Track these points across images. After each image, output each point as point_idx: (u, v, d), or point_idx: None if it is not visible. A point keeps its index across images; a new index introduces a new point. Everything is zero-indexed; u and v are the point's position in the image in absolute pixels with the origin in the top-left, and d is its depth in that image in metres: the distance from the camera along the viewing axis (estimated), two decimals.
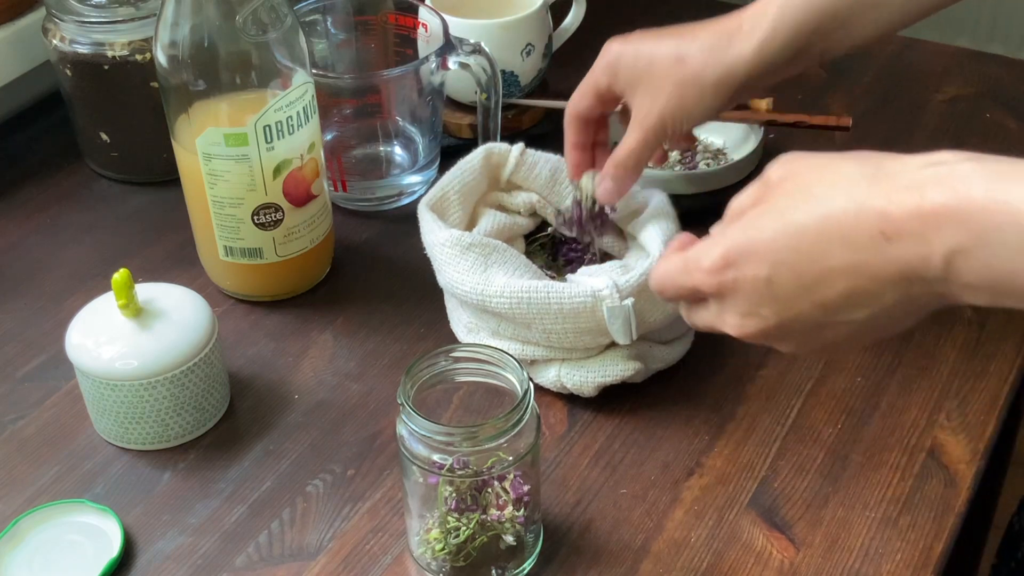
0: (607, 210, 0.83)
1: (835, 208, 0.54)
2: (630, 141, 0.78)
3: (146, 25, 0.96)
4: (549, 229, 0.88)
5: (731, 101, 0.77)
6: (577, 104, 0.81)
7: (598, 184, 0.81)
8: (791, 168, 0.58)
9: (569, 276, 0.81)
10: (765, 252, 0.56)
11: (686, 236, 0.64)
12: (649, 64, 0.77)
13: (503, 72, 1.02)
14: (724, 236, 0.59)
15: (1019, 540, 0.97)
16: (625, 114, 0.80)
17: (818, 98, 1.13)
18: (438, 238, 0.81)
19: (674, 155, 1.02)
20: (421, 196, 0.87)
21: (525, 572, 0.71)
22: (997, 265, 0.50)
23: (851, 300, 0.55)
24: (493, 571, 0.70)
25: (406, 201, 1.00)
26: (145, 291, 0.78)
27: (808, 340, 0.59)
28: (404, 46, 1.01)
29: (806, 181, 0.56)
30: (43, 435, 0.81)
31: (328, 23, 1.02)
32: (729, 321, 0.60)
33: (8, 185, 1.03)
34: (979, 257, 0.50)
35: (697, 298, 0.62)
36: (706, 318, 0.62)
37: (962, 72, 1.16)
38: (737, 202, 0.61)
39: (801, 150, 0.59)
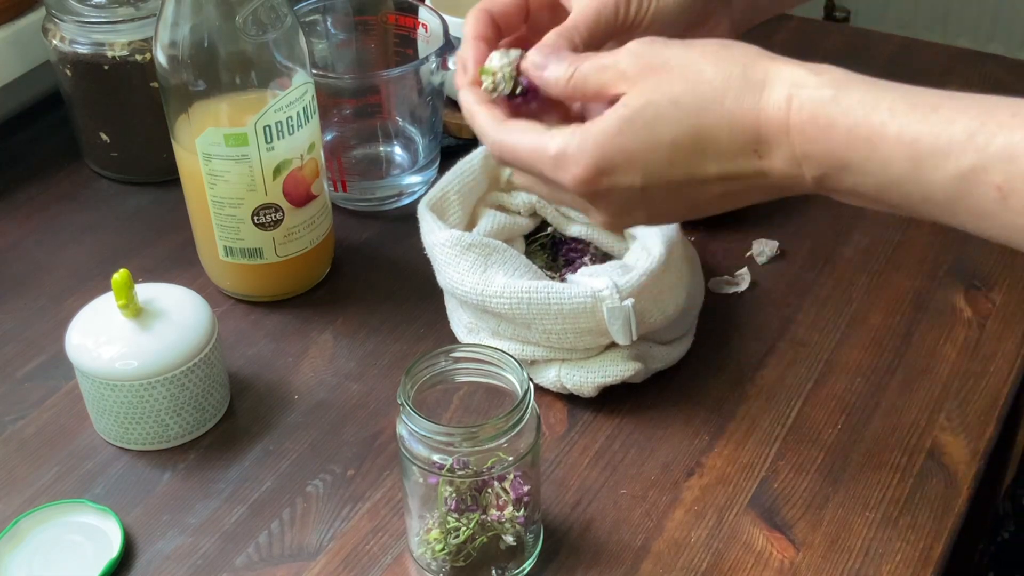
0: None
1: (707, 122, 0.56)
2: (584, 8, 0.64)
3: (146, 25, 0.96)
4: (549, 229, 0.88)
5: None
6: None
7: (525, 58, 0.63)
8: (649, 61, 0.58)
9: (569, 276, 0.81)
10: (640, 163, 0.57)
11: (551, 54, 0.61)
12: None
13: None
14: (595, 141, 0.57)
15: (1002, 524, 0.97)
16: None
17: None
18: (438, 238, 0.81)
19: None
20: (421, 196, 0.87)
21: (525, 572, 0.71)
22: (864, 186, 0.54)
23: (723, 200, 0.59)
24: (493, 571, 0.70)
25: (406, 201, 1.00)
26: (145, 291, 0.78)
27: (672, 219, 0.65)
28: (404, 46, 1.01)
29: (670, 85, 0.57)
30: (43, 435, 0.81)
31: (328, 23, 1.02)
32: (598, 218, 0.61)
33: (8, 185, 1.04)
34: (846, 180, 0.54)
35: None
36: (567, 202, 0.62)
37: (962, 72, 1.16)
38: (595, 79, 0.59)
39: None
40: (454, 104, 1.07)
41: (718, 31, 0.69)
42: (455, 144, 1.04)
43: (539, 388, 0.81)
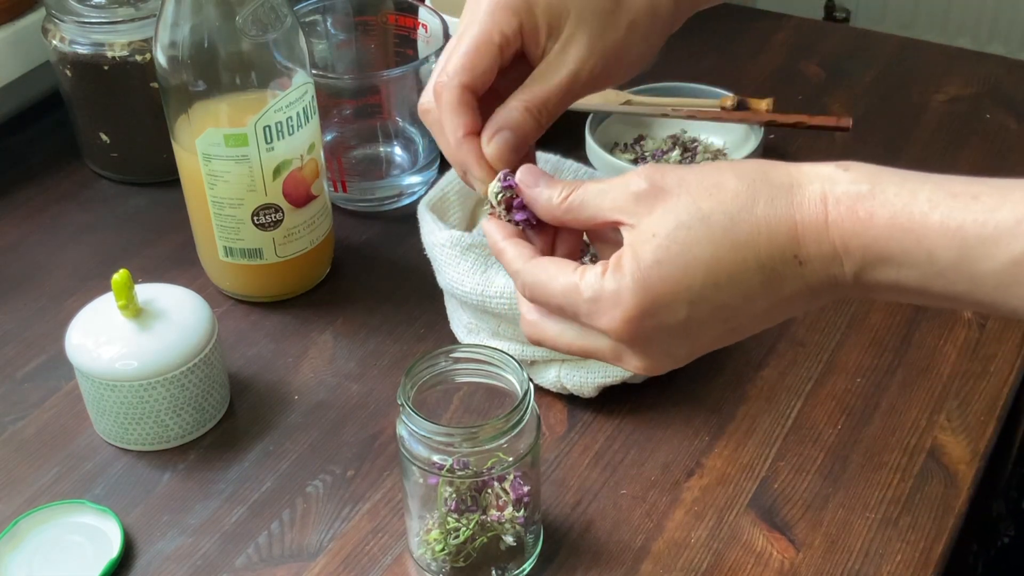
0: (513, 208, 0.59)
1: (743, 233, 0.53)
2: (553, 82, 0.59)
3: (146, 25, 0.96)
4: None
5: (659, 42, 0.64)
6: (470, 67, 0.58)
7: (488, 141, 0.59)
8: (661, 184, 0.54)
9: None
10: (684, 293, 0.53)
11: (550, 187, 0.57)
12: None
13: None
14: (634, 279, 0.53)
15: (997, 526, 0.97)
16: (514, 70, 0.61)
17: (818, 98, 1.13)
18: (438, 239, 0.81)
19: (674, 155, 1.02)
20: (421, 197, 0.87)
21: (525, 573, 0.71)
22: (907, 279, 0.51)
23: (766, 317, 0.55)
24: (493, 572, 0.70)
25: (406, 202, 1.00)
26: (145, 292, 0.78)
27: (714, 347, 0.57)
28: (404, 46, 1.01)
29: (694, 203, 0.53)
30: (43, 436, 0.81)
31: (328, 23, 1.02)
32: (635, 364, 0.56)
33: (8, 185, 1.03)
34: (888, 273, 0.52)
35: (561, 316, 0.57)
36: (593, 350, 0.57)
37: (962, 72, 1.16)
38: (593, 203, 0.55)
39: (800, 152, 0.58)
40: None
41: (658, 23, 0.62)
42: None
43: (539, 388, 0.81)
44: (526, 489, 0.68)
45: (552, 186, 0.57)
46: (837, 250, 0.52)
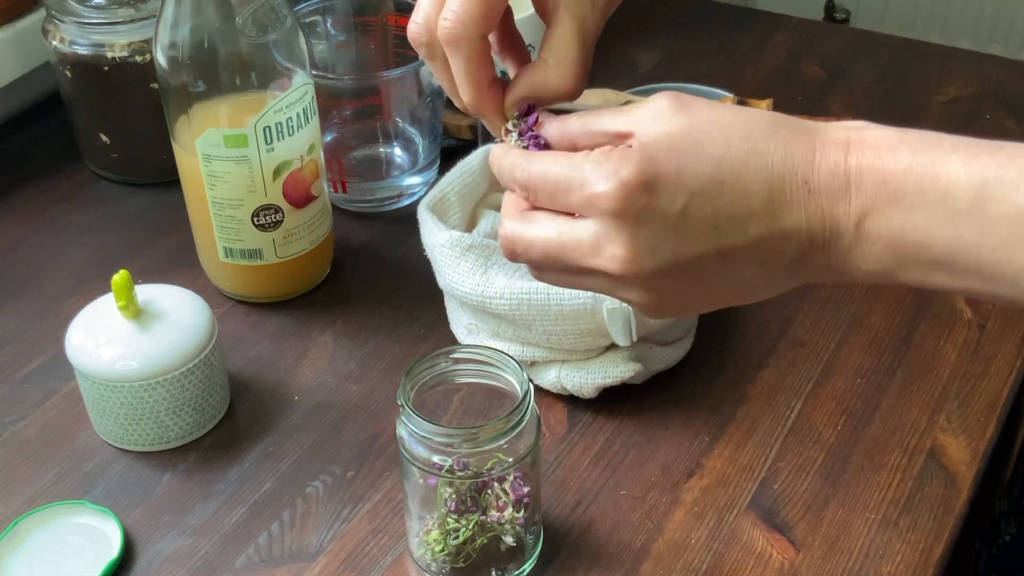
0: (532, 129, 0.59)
1: (762, 148, 0.51)
2: (565, 28, 0.58)
3: (146, 26, 0.96)
4: None
5: None
6: (485, 18, 0.56)
7: (514, 106, 0.59)
8: (691, 105, 0.53)
9: None
10: (688, 180, 0.51)
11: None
12: None
13: (503, 73, 1.02)
14: (640, 153, 0.51)
15: (1001, 525, 0.97)
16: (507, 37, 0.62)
17: (818, 99, 1.13)
18: (438, 239, 0.81)
19: None
20: (421, 197, 0.87)
21: (525, 573, 0.71)
22: (909, 226, 0.50)
23: (754, 252, 0.52)
24: (493, 572, 0.70)
25: (406, 202, 1.00)
26: (145, 292, 0.78)
27: (677, 295, 0.54)
28: (404, 47, 1.01)
29: (716, 112, 0.53)
30: (43, 436, 0.81)
31: (328, 24, 1.02)
32: (614, 252, 0.52)
33: (8, 186, 1.03)
34: (893, 218, 0.50)
35: (553, 205, 0.54)
36: (572, 242, 0.53)
37: (962, 73, 1.16)
38: (610, 113, 0.54)
39: None
40: (454, 105, 1.07)
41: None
42: (455, 145, 1.04)
43: (539, 389, 0.81)
44: (526, 490, 0.68)
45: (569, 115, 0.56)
46: (850, 183, 0.51)
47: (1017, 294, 0.50)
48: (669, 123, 0.52)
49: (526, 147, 0.57)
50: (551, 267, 0.56)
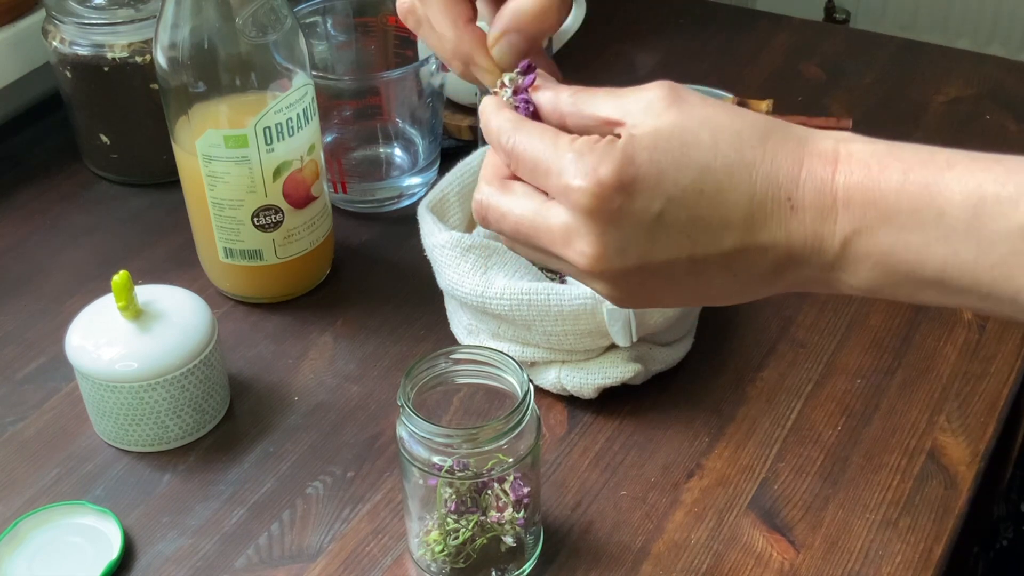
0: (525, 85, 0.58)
1: (749, 159, 0.50)
2: None
3: (146, 27, 0.96)
4: None
5: None
6: None
7: (497, 40, 0.58)
8: (686, 100, 0.52)
9: (569, 278, 0.81)
10: (667, 186, 0.50)
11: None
12: None
13: None
14: (623, 152, 0.51)
15: (999, 529, 0.97)
16: None
17: (818, 99, 1.13)
18: (438, 240, 0.81)
19: None
20: (421, 198, 0.87)
21: (525, 574, 0.71)
22: (900, 247, 0.49)
23: (727, 262, 0.52)
24: (493, 573, 0.70)
25: (406, 203, 1.00)
26: (145, 293, 0.78)
27: (643, 292, 0.53)
28: (404, 48, 1.01)
29: (711, 110, 0.51)
30: (43, 437, 0.81)
31: (328, 25, 1.02)
32: (582, 248, 0.52)
33: (8, 187, 1.04)
34: (884, 238, 0.49)
35: (532, 181, 0.54)
36: (544, 226, 0.53)
37: (962, 74, 1.16)
38: (604, 94, 0.53)
39: None
40: (454, 105, 1.07)
41: None
42: (455, 146, 1.04)
43: (539, 390, 0.81)
44: (526, 490, 0.68)
45: (565, 87, 0.55)
46: (837, 203, 0.49)
47: (1015, 311, 0.49)
48: (660, 118, 0.51)
49: (516, 108, 0.56)
50: (521, 242, 0.55)
